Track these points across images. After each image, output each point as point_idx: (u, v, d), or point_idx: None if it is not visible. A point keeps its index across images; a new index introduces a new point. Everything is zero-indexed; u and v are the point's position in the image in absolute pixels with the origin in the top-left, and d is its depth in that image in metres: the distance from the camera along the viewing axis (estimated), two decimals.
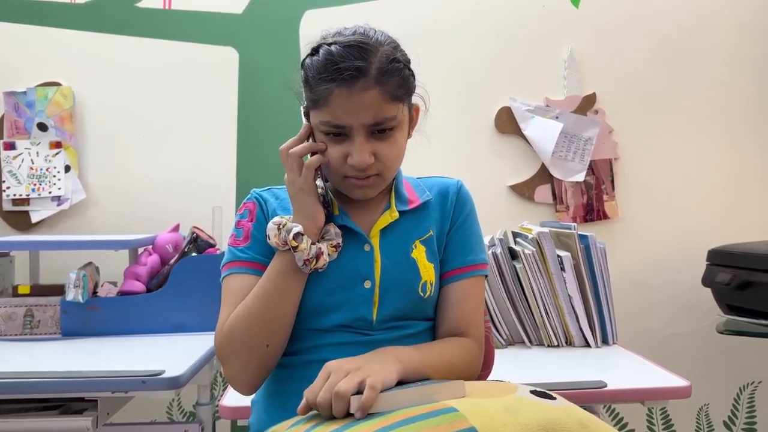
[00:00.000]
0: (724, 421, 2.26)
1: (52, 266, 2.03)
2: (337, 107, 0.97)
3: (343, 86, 0.96)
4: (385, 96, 0.98)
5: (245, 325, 0.99)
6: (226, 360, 1.01)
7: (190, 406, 2.14)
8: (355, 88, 0.96)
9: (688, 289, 2.18)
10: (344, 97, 0.96)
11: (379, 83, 0.97)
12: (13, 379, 1.32)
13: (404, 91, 1.02)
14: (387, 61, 0.98)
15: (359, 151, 0.98)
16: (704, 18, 2.23)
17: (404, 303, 1.05)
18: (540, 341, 1.72)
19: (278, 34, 2.16)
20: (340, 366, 0.87)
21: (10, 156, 2.11)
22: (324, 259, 1.00)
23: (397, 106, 1.00)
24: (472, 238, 1.13)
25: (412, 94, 1.06)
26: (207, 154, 2.15)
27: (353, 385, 0.82)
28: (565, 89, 2.20)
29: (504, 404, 0.80)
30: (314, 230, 1.01)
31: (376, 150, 1.00)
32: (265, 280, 1.01)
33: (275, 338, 1.00)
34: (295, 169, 1.01)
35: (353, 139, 0.99)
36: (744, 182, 2.25)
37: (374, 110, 0.97)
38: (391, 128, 1.00)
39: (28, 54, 2.13)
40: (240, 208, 1.11)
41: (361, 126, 0.98)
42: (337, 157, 1.00)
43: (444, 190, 1.14)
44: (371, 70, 0.97)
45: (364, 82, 0.96)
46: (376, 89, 0.97)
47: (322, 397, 0.83)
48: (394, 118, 1.00)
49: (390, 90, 0.98)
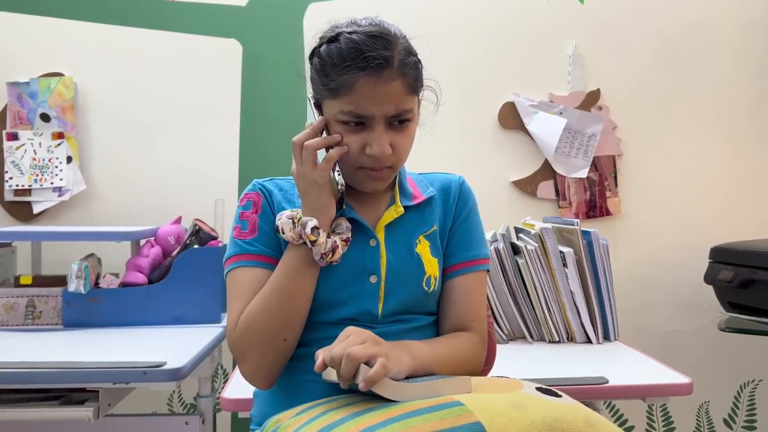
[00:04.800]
0: (724, 418, 2.26)
1: (54, 257, 2.03)
2: (361, 96, 0.96)
3: (371, 75, 0.95)
4: (406, 87, 0.98)
5: (263, 320, 0.98)
6: (243, 355, 1.00)
7: (191, 398, 2.15)
8: (381, 77, 0.96)
9: (690, 287, 2.18)
10: (370, 86, 0.96)
11: (402, 74, 0.98)
12: (14, 370, 1.32)
13: (419, 84, 1.03)
14: (406, 54, 0.99)
15: (380, 141, 0.98)
16: (709, 16, 2.22)
17: (409, 297, 1.05)
18: (541, 337, 1.72)
19: (282, 26, 2.15)
20: (360, 332, 0.89)
21: (12, 146, 2.11)
22: (339, 252, 1.00)
23: (414, 99, 1.01)
24: (474, 234, 1.13)
25: (423, 89, 1.06)
26: (210, 147, 2.15)
27: (367, 353, 0.84)
28: (569, 85, 2.19)
29: (510, 400, 0.80)
30: (326, 224, 1.01)
31: (393, 141, 1.00)
32: (280, 275, 1.00)
33: (292, 331, 1.00)
34: (309, 162, 0.99)
35: (373, 129, 0.98)
36: (747, 180, 2.25)
37: (396, 101, 0.98)
38: (408, 120, 1.01)
39: (30, 44, 2.13)
40: (242, 198, 1.09)
41: (383, 116, 0.98)
42: (356, 148, 0.99)
43: (446, 186, 1.14)
44: (395, 60, 0.97)
45: (390, 72, 0.96)
46: (399, 80, 0.97)
47: (337, 352, 0.85)
48: (411, 110, 1.00)
49: (410, 81, 0.99)
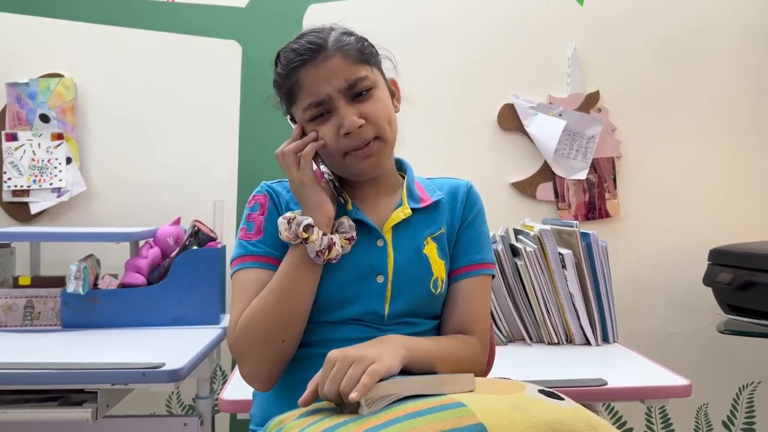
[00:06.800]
0: (722, 420, 2.26)
1: (53, 258, 2.03)
2: (309, 85, 1.01)
3: (307, 63, 1.01)
4: (349, 59, 1.02)
5: (260, 320, 0.98)
6: (242, 356, 1.00)
7: (190, 400, 2.14)
8: (317, 59, 1.01)
9: (689, 289, 2.18)
10: (312, 72, 1.01)
11: (339, 50, 1.02)
12: (13, 370, 1.32)
13: (368, 54, 1.05)
14: (340, 35, 1.04)
15: (346, 114, 1.01)
16: (708, 18, 2.22)
17: (416, 298, 1.05)
18: (540, 339, 1.72)
19: (282, 28, 2.15)
20: (345, 355, 0.86)
21: (11, 147, 2.11)
22: (336, 249, 1.00)
23: (364, 68, 1.04)
24: (480, 238, 1.13)
25: (378, 62, 1.08)
26: (209, 148, 2.15)
27: (357, 378, 0.82)
28: (569, 87, 2.19)
29: (513, 402, 0.79)
30: (324, 221, 1.01)
31: (362, 111, 1.02)
32: (280, 274, 1.01)
33: (290, 333, 1.00)
34: (293, 166, 1.02)
35: (337, 109, 1.01)
36: (746, 182, 2.25)
37: (344, 73, 1.01)
38: (368, 89, 1.03)
39: (30, 45, 2.13)
40: (249, 200, 1.10)
41: (338, 93, 1.01)
42: (331, 135, 1.02)
43: (454, 190, 1.15)
44: (328, 42, 1.02)
45: (325, 53, 1.01)
46: (337, 55, 1.01)
47: (328, 390, 0.83)
48: (365, 78, 1.03)
49: (351, 53, 1.02)
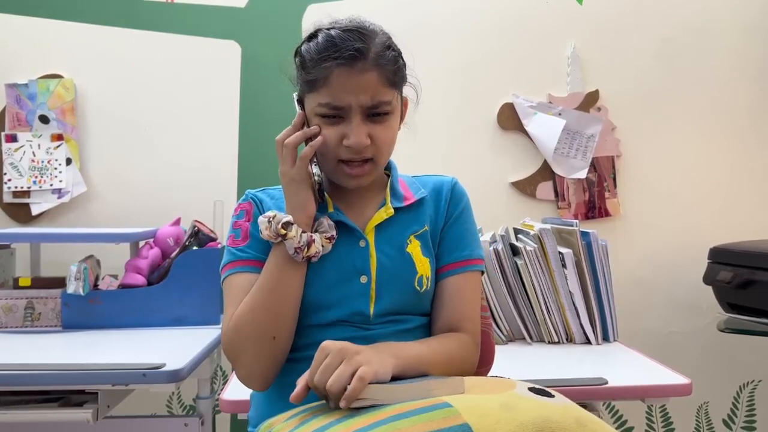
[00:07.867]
0: (723, 419, 2.26)
1: (53, 259, 2.03)
2: (336, 87, 0.98)
3: (344, 66, 0.98)
4: (383, 79, 1.00)
5: (251, 318, 0.99)
6: (236, 356, 1.01)
7: (190, 400, 2.14)
8: (355, 68, 0.98)
9: (689, 287, 2.18)
10: (344, 77, 0.98)
11: (378, 66, 0.99)
12: (13, 371, 1.32)
13: (399, 78, 1.04)
14: (384, 47, 1.01)
15: (356, 131, 0.99)
16: (708, 17, 2.22)
17: (401, 297, 1.05)
18: (541, 338, 1.72)
19: (281, 28, 2.15)
20: (337, 349, 0.87)
21: (11, 148, 2.11)
22: (316, 247, 1.01)
23: (392, 92, 1.02)
24: (466, 234, 1.13)
25: (404, 85, 1.08)
26: (209, 148, 2.15)
27: (346, 378, 0.83)
28: (568, 86, 2.19)
29: (500, 401, 0.79)
30: (305, 220, 1.01)
31: (372, 133, 1.01)
32: (265, 273, 1.02)
33: (280, 330, 1.00)
34: (288, 160, 1.02)
35: (350, 120, 1.00)
36: (746, 181, 2.25)
37: (372, 92, 0.99)
38: (386, 113, 1.02)
39: (30, 46, 2.13)
40: (235, 209, 1.11)
41: (359, 107, 0.99)
42: (333, 139, 1.01)
43: (438, 187, 1.14)
44: (370, 53, 0.99)
45: (364, 64, 0.98)
46: (374, 71, 0.99)
47: (318, 380, 0.85)
48: (389, 103, 1.02)
49: (387, 74, 1.00)
